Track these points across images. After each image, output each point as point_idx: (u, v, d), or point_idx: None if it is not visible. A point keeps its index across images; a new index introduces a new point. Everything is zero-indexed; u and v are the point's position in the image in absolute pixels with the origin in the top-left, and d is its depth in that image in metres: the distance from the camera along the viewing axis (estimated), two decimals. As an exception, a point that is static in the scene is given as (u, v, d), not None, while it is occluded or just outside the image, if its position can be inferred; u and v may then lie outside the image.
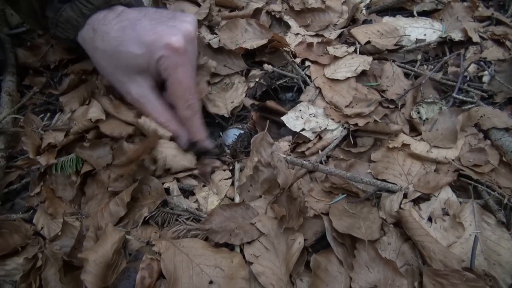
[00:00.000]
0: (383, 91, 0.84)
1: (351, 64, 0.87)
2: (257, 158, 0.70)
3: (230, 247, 0.64)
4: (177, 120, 0.72)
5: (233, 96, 0.85)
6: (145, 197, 0.70)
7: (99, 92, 0.81)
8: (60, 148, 0.74)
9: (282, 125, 0.79)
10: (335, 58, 0.89)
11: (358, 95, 0.83)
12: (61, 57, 0.93)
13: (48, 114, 0.83)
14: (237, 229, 0.64)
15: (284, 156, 0.67)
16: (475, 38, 0.89)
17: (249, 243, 0.64)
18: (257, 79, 0.86)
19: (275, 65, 0.89)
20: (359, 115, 0.78)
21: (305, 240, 0.63)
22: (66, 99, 0.83)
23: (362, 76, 0.87)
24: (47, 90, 0.90)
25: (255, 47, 0.89)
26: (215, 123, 0.83)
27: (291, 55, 0.90)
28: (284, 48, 0.90)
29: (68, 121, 0.77)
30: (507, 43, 0.88)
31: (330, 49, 0.91)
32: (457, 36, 0.90)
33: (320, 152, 0.75)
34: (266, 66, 0.87)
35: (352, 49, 0.90)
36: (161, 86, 0.73)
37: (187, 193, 0.72)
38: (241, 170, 0.73)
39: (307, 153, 0.75)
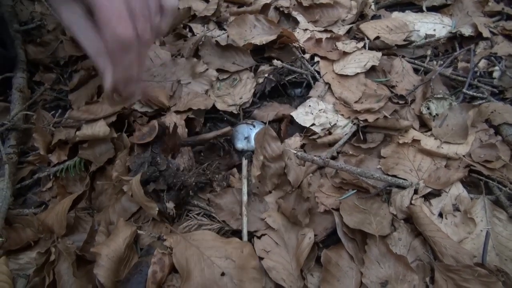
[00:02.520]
0: (393, 86, 0.84)
1: (360, 59, 0.87)
2: (262, 156, 0.70)
3: (238, 235, 0.65)
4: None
5: (241, 92, 0.85)
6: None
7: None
8: (71, 145, 0.74)
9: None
10: (344, 53, 0.89)
11: (368, 91, 0.82)
12: (70, 53, 0.93)
13: (60, 111, 0.84)
14: (240, 215, 0.66)
15: (295, 152, 0.67)
16: (486, 33, 0.88)
17: (259, 237, 0.64)
18: (266, 75, 0.86)
19: (284, 60, 0.89)
20: (368, 110, 0.78)
21: (315, 235, 0.63)
22: (75, 96, 0.84)
23: (371, 71, 0.87)
24: (57, 86, 0.91)
25: (264, 43, 0.89)
26: (223, 119, 0.83)
27: (300, 51, 0.90)
28: (293, 43, 0.90)
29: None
30: (518, 38, 0.87)
31: (339, 45, 0.91)
32: (467, 31, 0.89)
33: (330, 147, 0.75)
34: (275, 61, 0.87)
35: (361, 44, 0.90)
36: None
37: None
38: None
39: (318, 141, 0.75)
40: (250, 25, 0.95)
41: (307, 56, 0.90)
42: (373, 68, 0.86)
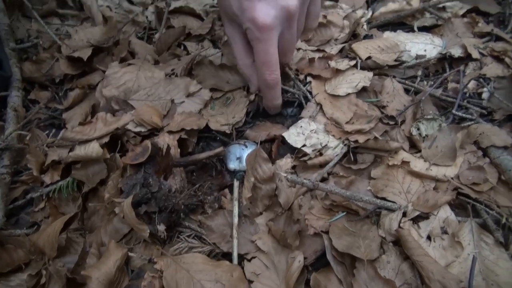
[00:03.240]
0: (384, 107, 0.85)
1: (352, 80, 0.88)
2: (253, 177, 0.71)
3: (229, 257, 0.65)
4: (255, 68, 0.76)
5: (234, 111, 0.86)
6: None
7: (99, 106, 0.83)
8: (64, 166, 0.75)
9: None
10: (337, 71, 0.90)
11: (359, 111, 0.83)
12: (66, 71, 0.94)
13: (54, 130, 0.84)
14: (231, 238, 0.66)
15: (285, 175, 0.68)
16: (475, 54, 0.89)
17: (249, 260, 0.65)
18: (257, 93, 0.87)
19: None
20: (359, 131, 0.79)
21: (305, 258, 0.64)
22: (69, 115, 0.85)
23: (362, 91, 0.88)
24: (52, 105, 0.92)
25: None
26: (216, 139, 0.84)
27: (293, 71, 0.91)
28: (286, 67, 0.91)
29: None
30: (507, 59, 0.88)
31: (332, 63, 0.92)
32: (456, 52, 0.90)
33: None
34: None
35: (353, 62, 0.91)
36: None
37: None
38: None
39: (309, 162, 0.76)
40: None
41: (301, 77, 0.91)
42: (364, 88, 0.87)
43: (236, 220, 0.68)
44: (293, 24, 0.69)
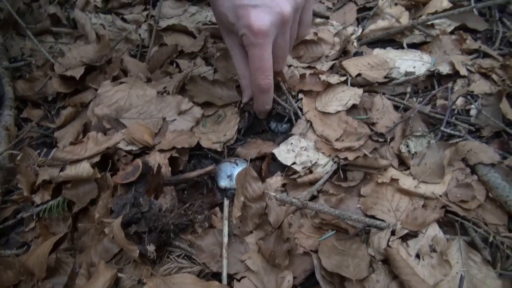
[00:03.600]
0: (373, 124, 0.86)
1: (342, 97, 0.89)
2: (243, 196, 0.71)
3: (219, 277, 0.65)
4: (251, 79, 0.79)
5: (225, 128, 0.86)
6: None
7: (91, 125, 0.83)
8: (55, 185, 0.75)
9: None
10: (328, 85, 0.91)
11: (349, 129, 0.84)
12: (59, 90, 0.95)
13: (45, 149, 0.85)
14: (221, 257, 0.66)
15: (274, 194, 0.68)
16: (463, 71, 0.90)
17: (238, 280, 0.65)
18: (248, 109, 0.88)
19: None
20: (349, 149, 0.79)
21: (294, 277, 0.64)
22: (61, 134, 0.85)
23: (352, 108, 0.88)
24: (44, 123, 0.92)
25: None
26: (208, 156, 0.85)
27: (286, 87, 0.92)
28: (282, 82, 0.92)
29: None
30: (494, 76, 0.89)
31: (323, 77, 0.93)
32: (445, 69, 0.92)
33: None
34: None
35: (343, 78, 0.92)
36: None
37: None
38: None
39: (299, 180, 0.77)
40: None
41: (293, 93, 0.92)
42: (354, 105, 0.88)
43: (226, 239, 0.68)
44: (286, 30, 0.71)
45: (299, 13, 0.73)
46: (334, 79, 0.92)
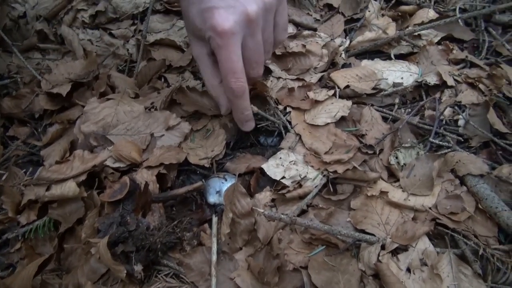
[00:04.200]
0: (362, 135, 0.86)
1: (331, 109, 0.89)
2: (232, 212, 0.71)
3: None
4: (223, 89, 0.77)
5: (213, 144, 0.86)
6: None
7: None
8: (41, 205, 0.74)
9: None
10: (316, 102, 0.91)
11: (338, 141, 0.84)
12: (45, 107, 0.94)
13: (31, 168, 0.83)
14: (210, 276, 0.65)
15: (262, 211, 0.67)
16: (450, 81, 0.91)
17: (228, 299, 0.64)
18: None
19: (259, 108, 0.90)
20: (338, 161, 0.79)
21: (284, 295, 0.63)
22: (47, 152, 0.84)
23: (341, 120, 0.88)
24: (31, 141, 0.91)
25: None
26: (196, 172, 0.84)
27: (274, 100, 0.92)
28: (266, 94, 0.92)
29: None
30: (481, 86, 0.90)
31: (311, 94, 0.93)
32: (432, 80, 0.92)
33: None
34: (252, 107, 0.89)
35: (331, 92, 0.92)
36: None
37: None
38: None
39: (287, 195, 0.76)
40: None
41: (280, 107, 0.92)
42: (343, 117, 0.88)
43: (214, 257, 0.67)
44: (256, 32, 0.69)
45: (271, 15, 0.72)
46: (321, 95, 0.92)
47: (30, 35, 1.13)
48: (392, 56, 1.03)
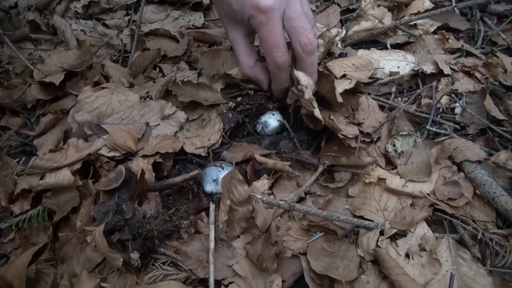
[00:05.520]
0: (359, 124, 0.85)
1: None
2: (229, 200, 0.70)
3: (206, 284, 0.64)
4: (259, 67, 0.83)
5: (210, 133, 0.85)
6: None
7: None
8: (35, 194, 0.73)
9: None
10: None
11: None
12: (38, 96, 0.92)
13: (24, 158, 0.82)
14: (207, 263, 0.65)
15: (260, 197, 0.67)
16: (446, 70, 0.91)
17: (226, 286, 0.63)
18: (224, 111, 0.87)
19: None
20: (335, 149, 0.79)
21: (283, 281, 0.63)
22: (41, 141, 0.83)
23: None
24: (23, 131, 0.90)
25: (238, 76, 0.90)
26: (192, 162, 0.83)
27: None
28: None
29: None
30: (477, 74, 0.90)
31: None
32: (428, 68, 0.92)
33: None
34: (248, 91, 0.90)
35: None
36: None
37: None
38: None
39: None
40: (223, 59, 0.96)
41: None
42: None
43: (212, 244, 0.67)
44: (294, 2, 0.72)
45: None
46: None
47: (22, 26, 1.12)
48: (389, 46, 1.03)
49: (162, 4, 1.17)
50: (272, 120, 0.87)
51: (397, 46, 1.03)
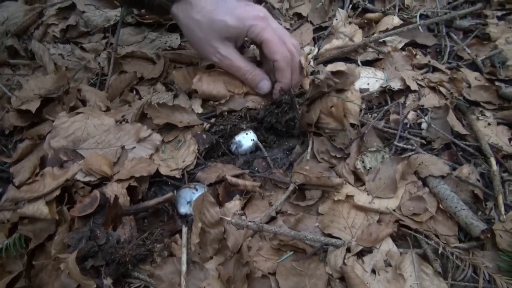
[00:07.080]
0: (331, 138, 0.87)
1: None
2: (201, 222, 0.71)
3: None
4: (258, 70, 0.91)
5: (184, 154, 0.87)
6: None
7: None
8: (11, 225, 0.74)
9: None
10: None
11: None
12: (15, 123, 0.94)
13: (0, 189, 0.83)
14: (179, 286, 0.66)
15: (229, 219, 0.69)
16: (413, 86, 0.94)
17: (198, 308, 0.65)
18: (198, 132, 0.89)
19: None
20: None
21: (254, 302, 0.64)
22: (17, 169, 0.84)
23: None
24: (0, 158, 0.90)
25: (211, 90, 0.93)
26: (168, 184, 0.85)
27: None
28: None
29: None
30: (442, 89, 0.93)
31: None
32: (396, 85, 0.95)
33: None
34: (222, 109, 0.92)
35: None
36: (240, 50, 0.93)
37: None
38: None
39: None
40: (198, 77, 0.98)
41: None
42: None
43: (184, 267, 0.68)
44: (271, 19, 0.87)
45: None
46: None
47: (0, 51, 1.13)
48: (359, 63, 1.06)
49: (139, 26, 1.19)
50: (245, 139, 0.89)
51: (367, 63, 1.06)
